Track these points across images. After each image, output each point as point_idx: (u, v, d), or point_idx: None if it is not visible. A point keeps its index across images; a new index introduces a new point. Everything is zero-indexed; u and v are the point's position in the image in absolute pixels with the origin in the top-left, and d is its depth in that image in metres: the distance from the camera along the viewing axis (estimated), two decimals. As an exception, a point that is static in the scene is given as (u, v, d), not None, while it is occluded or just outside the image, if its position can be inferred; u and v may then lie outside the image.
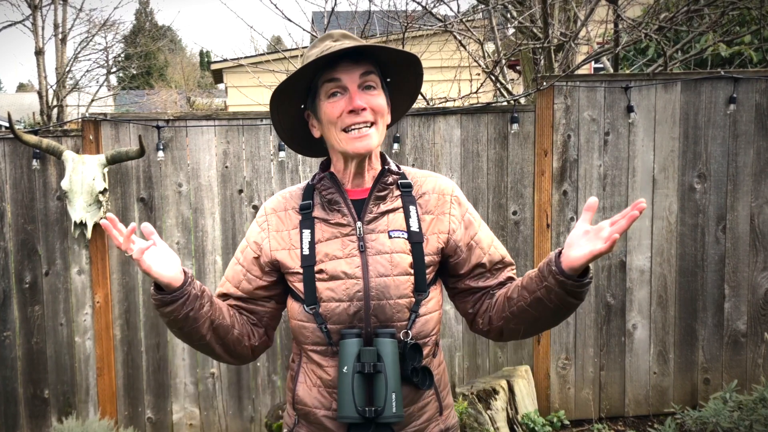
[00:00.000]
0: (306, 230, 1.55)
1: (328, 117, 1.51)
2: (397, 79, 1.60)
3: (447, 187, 1.62)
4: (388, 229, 1.53)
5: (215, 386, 3.86)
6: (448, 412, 1.65)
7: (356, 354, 1.44)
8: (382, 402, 1.42)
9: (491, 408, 3.64)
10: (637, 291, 4.01)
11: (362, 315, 1.49)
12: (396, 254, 1.51)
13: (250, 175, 3.81)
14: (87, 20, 12.41)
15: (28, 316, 3.72)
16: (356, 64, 1.50)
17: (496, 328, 1.59)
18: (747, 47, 5.67)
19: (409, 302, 1.51)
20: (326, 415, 1.54)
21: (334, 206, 1.55)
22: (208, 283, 3.81)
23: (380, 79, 1.54)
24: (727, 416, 3.26)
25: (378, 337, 1.46)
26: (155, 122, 3.70)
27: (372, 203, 1.55)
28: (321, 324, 1.50)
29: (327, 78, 1.50)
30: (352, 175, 1.57)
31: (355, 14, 5.28)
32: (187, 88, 23.92)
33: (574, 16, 5.19)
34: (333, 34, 1.57)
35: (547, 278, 1.41)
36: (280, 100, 1.56)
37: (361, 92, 1.50)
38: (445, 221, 1.58)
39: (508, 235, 3.94)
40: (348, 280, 1.49)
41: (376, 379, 1.44)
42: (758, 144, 3.97)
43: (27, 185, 3.67)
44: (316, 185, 1.58)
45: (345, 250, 1.51)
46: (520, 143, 3.92)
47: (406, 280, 1.51)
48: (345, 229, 1.53)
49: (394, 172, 1.58)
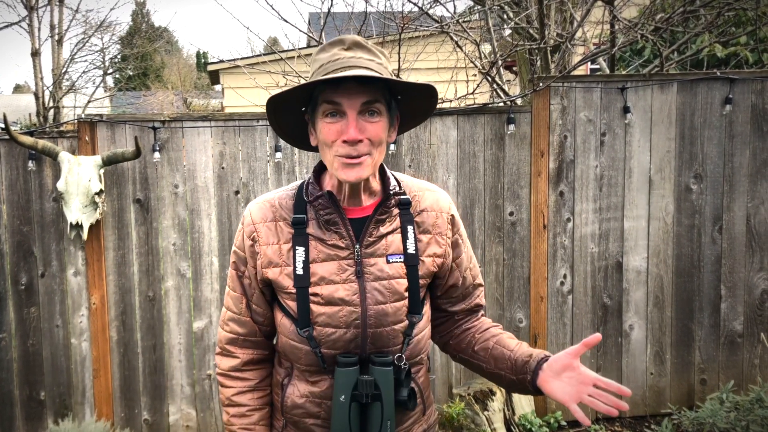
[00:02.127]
0: (300, 248, 1.47)
1: (323, 137, 1.42)
2: (409, 99, 1.50)
3: (444, 204, 1.58)
4: (387, 253, 1.48)
5: (212, 388, 3.85)
6: (430, 410, 1.67)
7: (353, 384, 1.42)
8: (378, 430, 1.42)
9: (488, 409, 3.64)
10: (634, 292, 4.01)
11: (359, 342, 1.46)
12: (394, 280, 1.47)
13: (246, 176, 3.80)
14: (83, 21, 12.40)
15: (23, 318, 3.71)
16: (361, 87, 1.38)
17: (458, 359, 1.67)
18: (743, 48, 5.67)
19: (403, 327, 1.49)
20: (316, 423, 1.53)
21: (331, 227, 1.47)
22: (204, 284, 3.80)
23: (385, 103, 1.43)
24: (723, 417, 3.27)
25: (375, 365, 1.44)
26: (151, 123, 3.70)
27: (372, 227, 1.48)
28: (315, 348, 1.46)
29: (327, 98, 1.40)
30: (347, 194, 1.49)
31: (352, 15, 5.28)
32: (184, 89, 23.88)
33: (570, 16, 5.19)
34: (345, 40, 1.45)
35: (519, 377, 1.50)
36: (276, 106, 1.46)
37: (361, 119, 1.39)
38: (442, 244, 1.55)
39: (505, 236, 3.94)
40: (345, 307, 1.45)
41: (372, 408, 1.42)
42: (754, 144, 3.98)
43: (23, 186, 3.66)
44: (312, 203, 1.49)
45: (342, 274, 1.46)
46: (517, 144, 3.92)
47: (402, 304, 1.48)
48: (342, 252, 1.47)
49: (396, 193, 1.50)
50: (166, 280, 3.80)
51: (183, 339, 3.83)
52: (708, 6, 5.04)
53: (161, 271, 3.80)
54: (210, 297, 3.81)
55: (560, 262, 3.96)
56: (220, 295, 3.82)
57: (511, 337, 1.60)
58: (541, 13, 4.39)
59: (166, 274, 3.80)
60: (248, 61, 8.56)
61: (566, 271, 3.96)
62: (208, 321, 3.83)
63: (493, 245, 3.93)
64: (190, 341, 3.84)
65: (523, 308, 3.98)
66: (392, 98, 1.46)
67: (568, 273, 3.97)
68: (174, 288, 3.81)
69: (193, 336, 3.84)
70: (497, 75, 4.95)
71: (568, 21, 5.24)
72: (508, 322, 3.98)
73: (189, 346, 3.84)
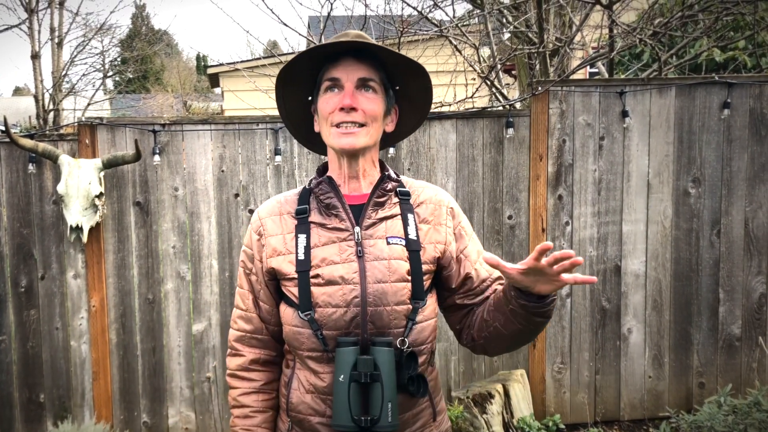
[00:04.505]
0: (302, 235, 1.52)
1: (322, 111, 1.52)
2: (407, 90, 1.59)
3: (444, 198, 1.62)
4: (387, 236, 1.52)
5: (211, 390, 3.86)
6: (442, 417, 1.65)
7: (353, 363, 1.43)
8: (378, 411, 1.41)
9: (487, 412, 3.65)
10: (632, 295, 4.02)
11: (359, 321, 1.47)
12: (394, 260, 1.50)
13: (246, 179, 3.81)
14: (83, 24, 12.41)
15: (23, 320, 3.72)
16: (359, 63, 1.50)
17: (480, 345, 1.59)
18: (741, 52, 5.69)
19: (406, 309, 1.50)
20: (321, 422, 1.53)
21: (331, 211, 1.53)
22: (203, 286, 3.81)
23: (383, 85, 1.53)
24: (721, 420, 3.27)
25: (375, 345, 1.44)
26: (151, 126, 3.71)
27: (371, 209, 1.53)
28: (317, 330, 1.48)
29: (327, 75, 1.51)
30: (347, 176, 1.56)
31: (351, 19, 5.30)
32: (184, 92, 23.90)
33: (569, 21, 5.21)
34: (348, 33, 1.55)
35: (511, 302, 1.41)
36: (284, 88, 1.57)
37: (357, 92, 1.50)
38: (441, 232, 1.57)
39: (504, 240, 3.95)
40: (345, 285, 1.47)
41: (372, 388, 1.43)
42: (752, 149, 3.99)
43: (23, 189, 3.67)
44: (314, 189, 1.56)
45: (342, 255, 1.50)
46: (516, 148, 3.94)
47: (404, 287, 1.49)
48: (343, 233, 1.51)
49: (393, 179, 1.57)
50: (165, 282, 3.81)
51: (182, 342, 3.83)
52: (706, 11, 5.06)
53: (161, 273, 3.81)
54: (209, 300, 3.82)
55: (559, 265, 3.96)
56: (220, 298, 3.83)
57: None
58: (540, 17, 4.40)
59: (165, 276, 3.81)
60: (248, 65, 8.58)
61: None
62: (207, 324, 3.83)
63: (491, 249, 3.94)
64: (189, 344, 3.85)
65: (522, 311, 3.98)
66: (390, 86, 1.56)
67: (566, 276, 3.97)
68: (173, 291, 3.82)
69: (192, 339, 3.85)
70: (496, 79, 4.97)
71: (567, 25, 5.26)
72: (506, 326, 3.98)
73: (188, 348, 3.85)
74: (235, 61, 9.34)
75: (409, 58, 1.53)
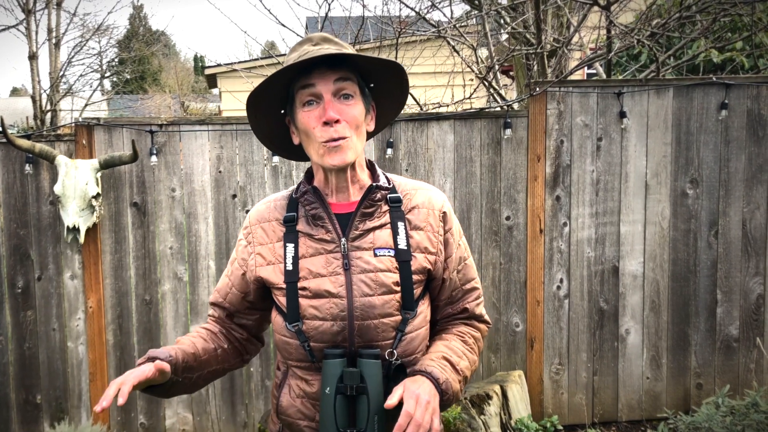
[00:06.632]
0: (290, 244, 1.51)
1: (304, 127, 1.48)
2: (382, 85, 1.56)
3: (437, 201, 1.59)
4: (374, 247, 1.49)
5: (208, 391, 3.85)
6: None
7: (339, 375, 1.41)
8: (364, 424, 1.39)
9: (484, 413, 3.64)
10: (630, 296, 4.02)
11: (346, 334, 1.46)
12: (381, 273, 1.47)
13: (243, 180, 3.81)
14: (81, 25, 12.41)
15: (20, 321, 3.71)
16: (332, 70, 1.46)
17: None
18: (739, 53, 5.70)
19: (394, 321, 1.48)
20: (309, 426, 1.53)
21: (318, 221, 1.51)
22: (201, 287, 3.80)
23: (358, 87, 1.50)
24: (719, 421, 3.27)
25: (362, 357, 1.42)
26: (148, 127, 3.70)
27: (358, 219, 1.51)
28: (304, 342, 1.48)
29: (302, 84, 1.47)
30: (335, 187, 1.53)
31: (349, 20, 5.29)
32: (181, 92, 23.89)
33: (566, 22, 5.22)
34: (312, 37, 1.52)
35: None
36: (256, 104, 1.52)
37: (336, 102, 1.46)
38: (434, 240, 1.54)
39: (501, 241, 3.95)
40: (332, 299, 1.46)
41: (358, 401, 1.41)
42: (750, 150, 4.00)
43: (20, 190, 3.66)
44: (299, 199, 1.54)
45: (329, 267, 1.48)
46: (513, 148, 3.93)
47: (391, 298, 1.47)
48: (329, 245, 1.49)
49: (382, 188, 1.53)
50: (162, 283, 3.80)
51: (179, 343, 3.82)
52: (704, 12, 5.06)
53: (158, 274, 3.80)
54: (207, 301, 3.81)
55: (557, 266, 3.96)
56: (217, 299, 3.81)
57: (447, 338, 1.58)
58: (538, 18, 4.40)
59: (162, 277, 3.80)
60: (246, 65, 8.58)
61: (563, 276, 3.97)
62: (204, 325, 3.82)
63: (489, 249, 3.94)
64: (186, 345, 3.83)
65: (520, 312, 3.99)
66: (366, 86, 1.53)
67: (564, 277, 3.97)
68: (171, 291, 3.81)
69: (189, 340, 3.83)
70: (494, 79, 4.97)
71: (564, 26, 5.27)
72: (504, 327, 3.98)
73: (185, 349, 3.83)
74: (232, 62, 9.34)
75: (380, 59, 1.50)
